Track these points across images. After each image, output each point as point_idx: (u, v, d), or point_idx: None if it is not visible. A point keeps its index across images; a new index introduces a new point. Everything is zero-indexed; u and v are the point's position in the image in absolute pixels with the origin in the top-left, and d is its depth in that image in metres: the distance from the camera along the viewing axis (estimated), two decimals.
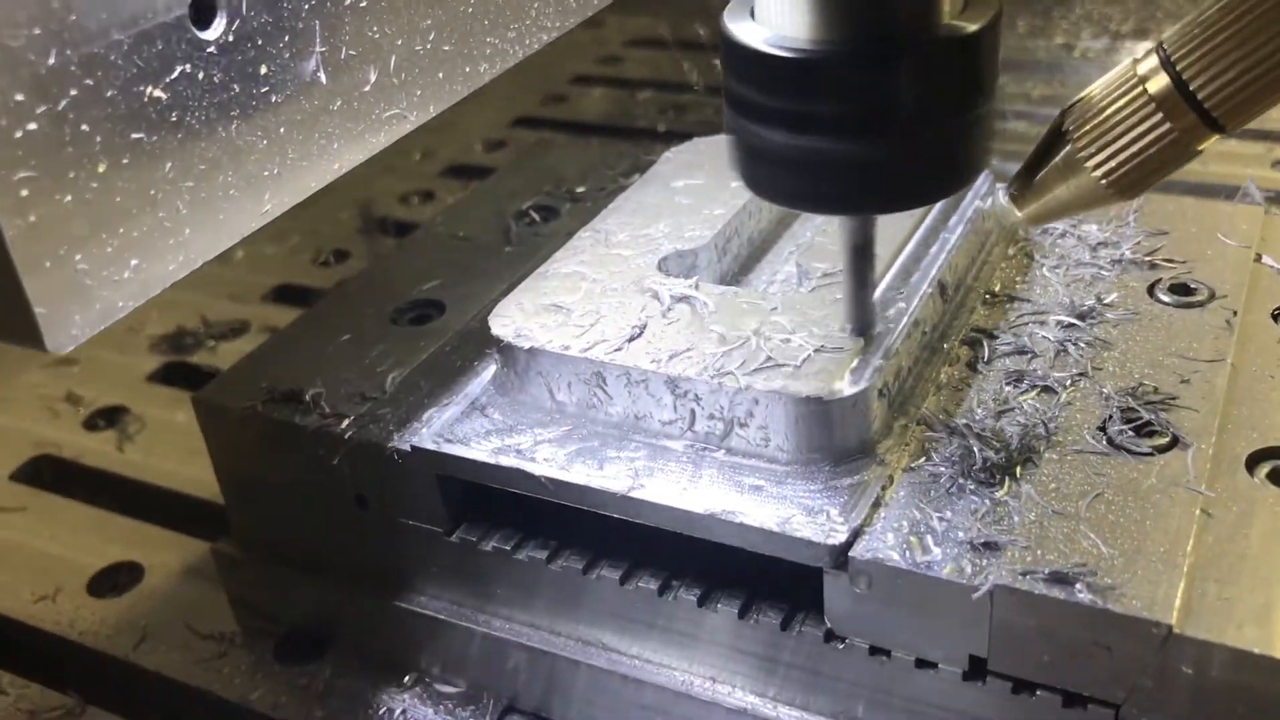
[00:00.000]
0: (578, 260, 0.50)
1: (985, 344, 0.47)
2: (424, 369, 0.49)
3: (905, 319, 0.44)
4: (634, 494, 0.41)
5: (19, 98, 0.27)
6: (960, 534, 0.38)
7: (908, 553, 0.38)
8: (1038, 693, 0.38)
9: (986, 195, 0.53)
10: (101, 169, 0.28)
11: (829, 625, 0.40)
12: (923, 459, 0.41)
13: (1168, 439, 0.41)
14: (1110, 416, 0.42)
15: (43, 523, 0.61)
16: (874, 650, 0.40)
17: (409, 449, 0.45)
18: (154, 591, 0.56)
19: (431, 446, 0.44)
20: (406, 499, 0.46)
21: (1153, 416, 0.42)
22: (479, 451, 0.44)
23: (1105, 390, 0.43)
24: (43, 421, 0.69)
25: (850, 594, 0.39)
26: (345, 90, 0.35)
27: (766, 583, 0.42)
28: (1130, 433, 0.41)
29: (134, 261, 0.30)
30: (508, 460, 0.43)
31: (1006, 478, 0.40)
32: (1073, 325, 0.47)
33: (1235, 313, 0.47)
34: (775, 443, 0.41)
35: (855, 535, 0.39)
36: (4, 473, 0.66)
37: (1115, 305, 0.48)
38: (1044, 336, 0.47)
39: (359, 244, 0.84)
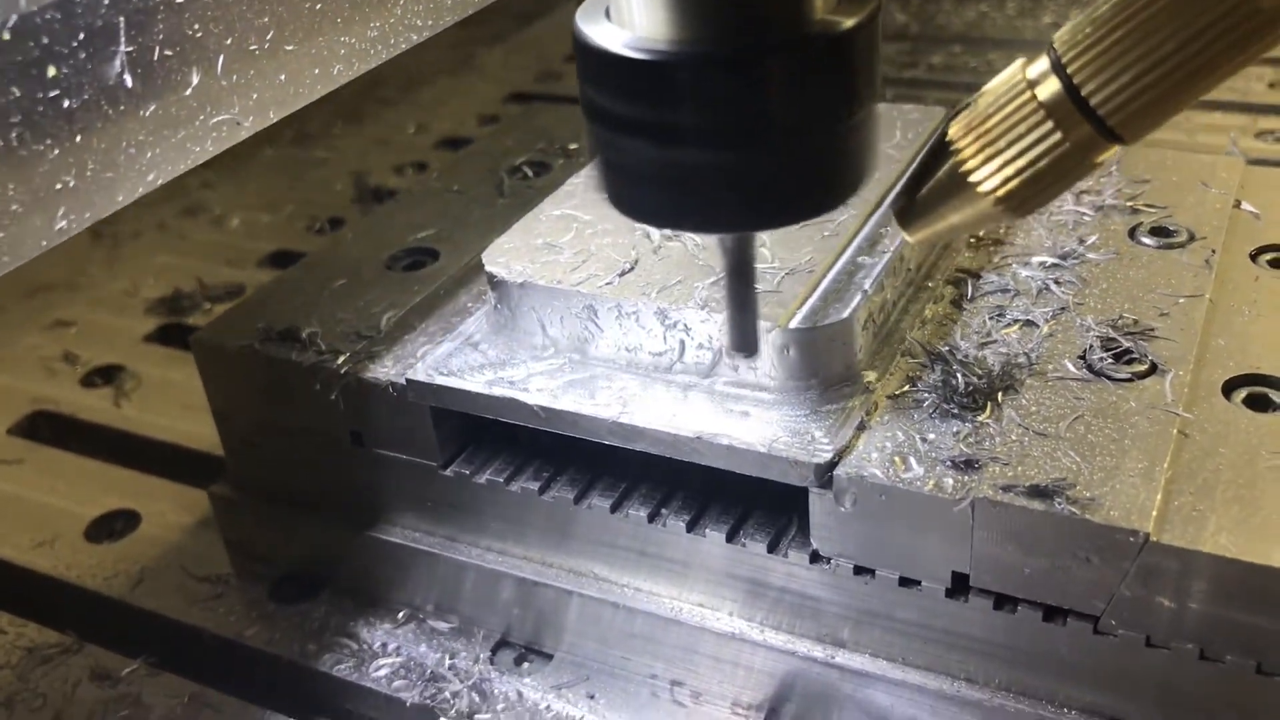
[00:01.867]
0: (570, 204, 0.50)
1: (969, 283, 0.48)
2: (419, 310, 0.50)
3: (889, 255, 0.45)
4: (623, 419, 0.42)
5: None
6: (942, 453, 0.39)
7: (891, 470, 0.39)
8: (1019, 608, 0.39)
9: None
10: None
11: (815, 546, 0.41)
12: (907, 386, 0.42)
13: (1146, 366, 0.42)
14: (1090, 346, 0.43)
15: (40, 474, 0.62)
16: (859, 570, 0.41)
17: (404, 382, 0.45)
18: (150, 537, 0.57)
19: (426, 379, 0.45)
20: (401, 433, 0.47)
21: (1132, 345, 0.43)
22: (472, 383, 0.44)
23: (1086, 323, 0.44)
24: (40, 380, 0.70)
25: (835, 513, 0.40)
26: (160, 94, 0.32)
27: (756, 508, 0.43)
28: (1110, 360, 0.42)
29: None
30: (500, 391, 0.44)
31: (989, 402, 0.41)
32: (1056, 265, 0.48)
33: (1214, 251, 0.48)
34: (763, 370, 0.42)
35: (840, 455, 0.39)
36: (1, 428, 0.66)
37: (1097, 247, 0.49)
38: (1027, 276, 0.48)
39: (353, 213, 0.85)
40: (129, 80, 0.31)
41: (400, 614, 0.50)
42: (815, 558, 0.41)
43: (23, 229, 0.29)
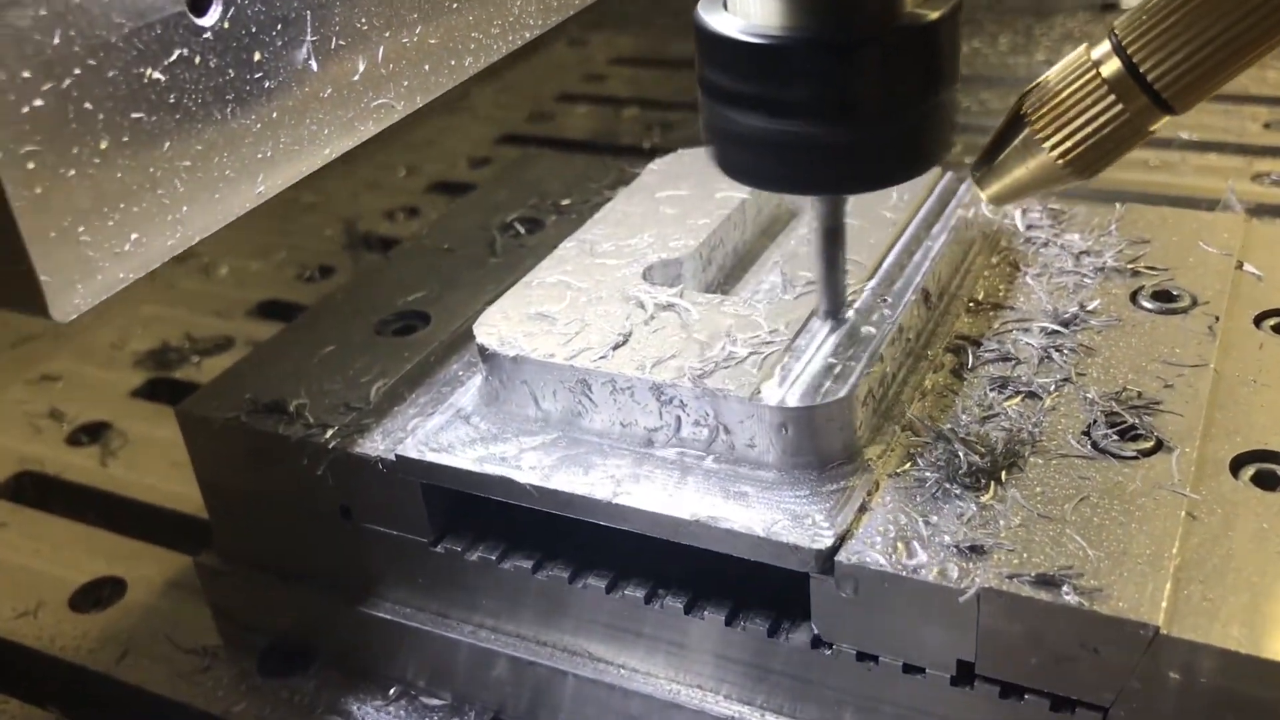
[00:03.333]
0: (563, 270, 0.50)
1: (969, 351, 0.47)
2: (408, 379, 0.49)
3: (889, 325, 0.44)
4: (618, 500, 0.41)
5: (25, 75, 0.28)
6: (946, 538, 0.38)
7: (894, 556, 0.38)
8: (1025, 697, 0.38)
9: (970, 204, 0.53)
10: (103, 146, 0.29)
11: (816, 631, 0.40)
12: (908, 464, 0.41)
13: (1152, 443, 0.41)
14: (1094, 421, 0.42)
15: (24, 538, 0.61)
16: (861, 656, 0.40)
17: (394, 458, 0.44)
18: (136, 606, 0.56)
19: (416, 455, 0.44)
20: (391, 509, 0.46)
21: (1137, 420, 0.42)
22: (463, 459, 0.43)
23: (1089, 395, 0.43)
24: (25, 438, 0.69)
25: (837, 599, 0.39)
26: (335, 79, 0.36)
27: (753, 589, 0.42)
28: (1115, 437, 0.41)
29: (134, 235, 0.31)
30: (492, 468, 0.43)
31: (992, 482, 0.40)
32: (1056, 332, 0.47)
33: (1217, 318, 0.47)
34: (761, 448, 0.41)
35: (841, 540, 0.38)
36: None
37: (1098, 312, 0.48)
38: (1028, 343, 0.47)
39: (344, 260, 0.84)
40: (314, 64, 0.36)
41: (391, 690, 0.49)
42: (816, 643, 0.40)
43: (232, 192, 0.34)
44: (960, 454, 0.40)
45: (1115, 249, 0.52)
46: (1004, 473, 0.40)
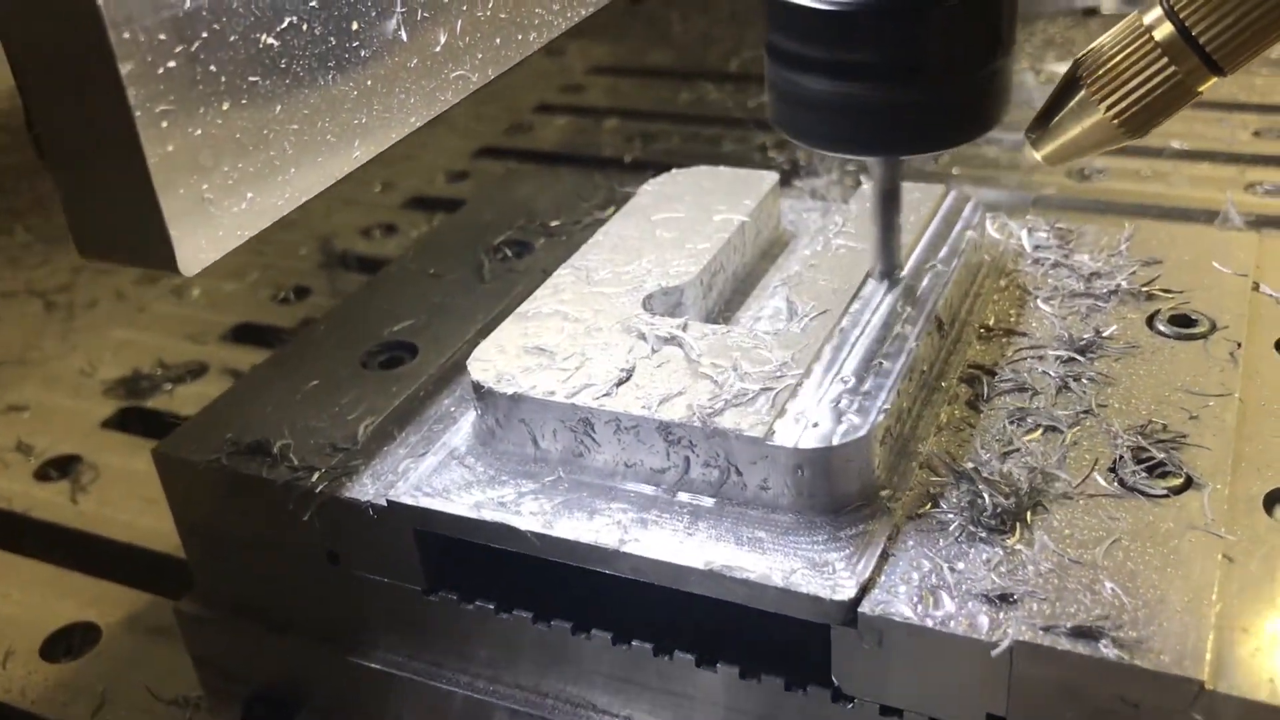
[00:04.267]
0: (559, 299, 0.47)
1: (985, 381, 0.45)
2: (398, 416, 0.47)
3: (903, 359, 0.42)
4: (626, 549, 0.39)
5: (162, 37, 0.29)
6: (974, 586, 0.36)
7: (920, 607, 0.36)
8: None
9: (977, 225, 0.51)
10: (225, 107, 0.31)
11: (837, 684, 0.38)
12: (929, 505, 0.40)
13: (1181, 479, 0.39)
14: (1120, 457, 0.40)
15: None
16: (885, 710, 0.38)
17: (385, 503, 0.42)
18: (112, 653, 0.53)
19: (409, 501, 0.42)
20: (382, 555, 0.44)
21: (1164, 456, 0.40)
22: (459, 505, 0.41)
23: (1112, 429, 0.42)
24: None
25: (859, 651, 0.37)
26: (420, 49, 0.38)
27: (768, 636, 0.40)
28: (1143, 474, 0.40)
29: (249, 194, 0.32)
30: (490, 514, 0.41)
31: (1017, 524, 0.38)
32: (1073, 360, 0.46)
33: (1239, 344, 0.45)
34: (775, 491, 0.39)
35: (864, 589, 0.36)
36: None
37: (1115, 338, 0.47)
38: (1044, 372, 0.45)
39: (320, 280, 0.82)
40: (404, 35, 0.37)
41: None
42: (837, 696, 0.38)
43: (333, 155, 0.35)
44: (985, 495, 0.39)
45: (1127, 270, 0.50)
46: (1029, 513, 0.39)
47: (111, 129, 0.29)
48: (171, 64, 0.29)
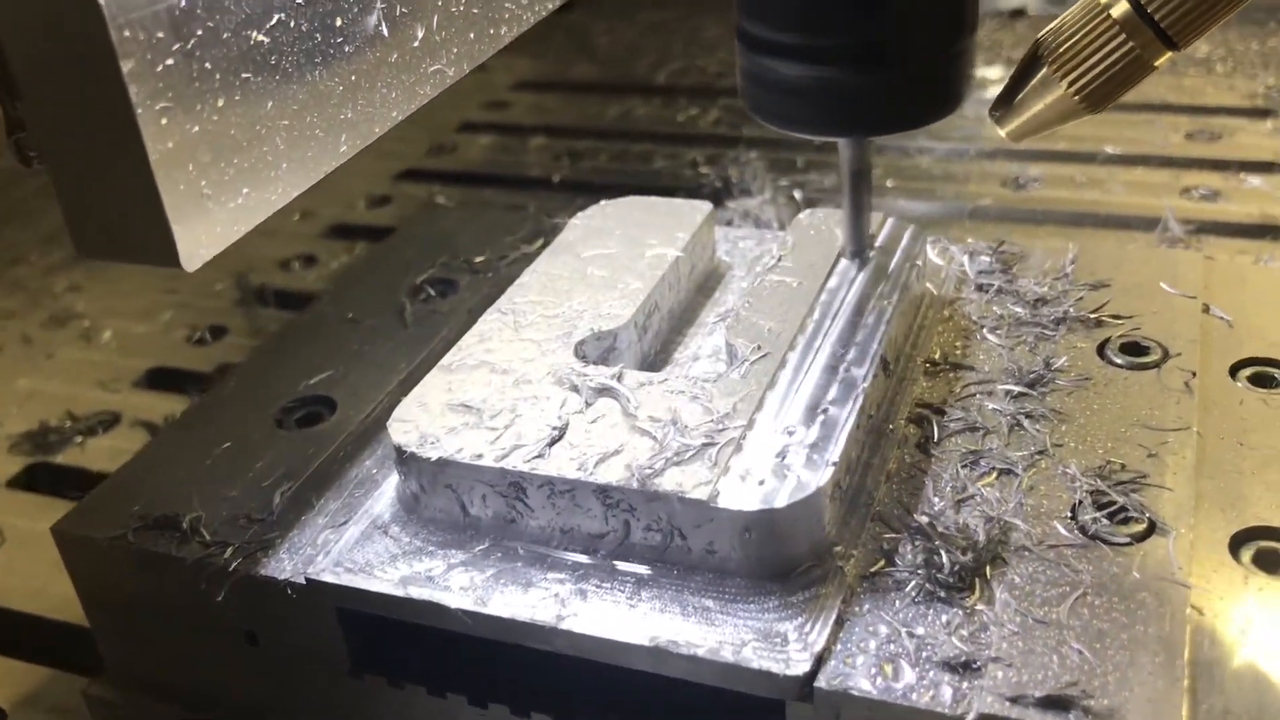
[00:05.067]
0: (485, 348, 0.45)
1: (934, 421, 0.43)
2: (315, 481, 0.44)
3: (850, 405, 0.40)
4: (565, 625, 0.36)
5: (160, 35, 0.30)
6: (935, 652, 0.34)
7: (879, 679, 0.34)
8: None
9: (918, 254, 0.50)
10: (220, 103, 0.31)
11: None
12: (882, 562, 0.37)
13: (1144, 525, 0.38)
14: (1080, 501, 0.39)
15: None
16: None
17: (304, 581, 0.39)
18: None
19: (330, 579, 0.39)
20: (304, 636, 0.41)
21: (1125, 499, 0.38)
22: (384, 582, 0.38)
23: (1069, 470, 0.40)
24: None
25: None
26: (400, 44, 0.39)
27: (720, 708, 0.37)
28: (1104, 520, 0.38)
29: (244, 189, 0.33)
30: (418, 591, 0.38)
31: (976, 579, 0.36)
32: (1024, 395, 0.44)
33: (1194, 374, 0.44)
34: (722, 554, 0.37)
35: (819, 660, 0.34)
36: None
37: (1065, 370, 0.45)
38: (994, 409, 0.43)
39: (237, 318, 0.78)
40: (385, 30, 0.38)
41: None
42: None
43: (321, 150, 0.36)
44: (941, 553, 0.37)
45: (1074, 296, 0.49)
46: (988, 568, 0.37)
47: (113, 127, 0.29)
48: (170, 61, 0.30)
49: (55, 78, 0.29)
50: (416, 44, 0.39)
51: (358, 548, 0.40)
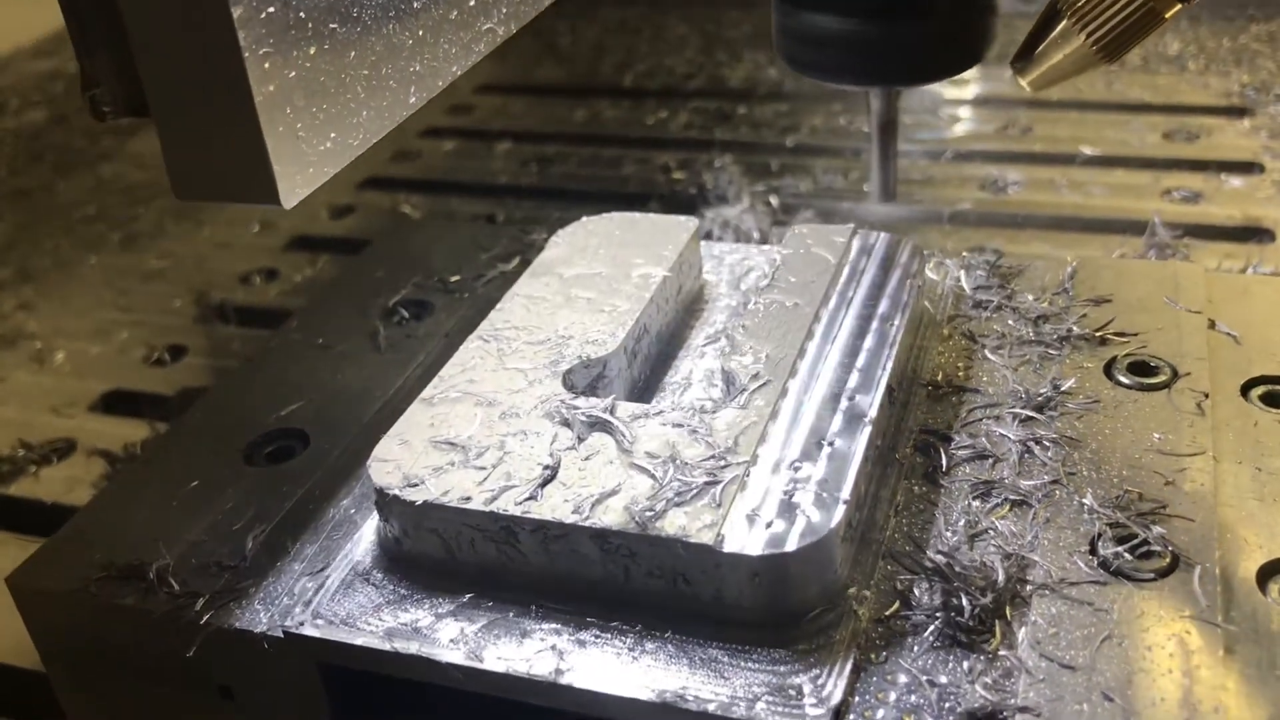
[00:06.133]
0: (468, 379, 0.42)
1: (940, 449, 0.41)
2: (290, 523, 0.42)
3: (859, 437, 0.38)
4: (565, 680, 0.34)
5: None
6: (959, 702, 0.32)
7: None
8: None
9: (916, 272, 0.48)
10: (312, 51, 0.33)
11: None
12: (897, 604, 0.36)
13: (1167, 559, 0.36)
14: (1099, 535, 0.37)
15: None
16: None
17: (281, 634, 0.37)
18: None
19: (310, 632, 0.36)
20: (282, 692, 0.38)
21: (1145, 532, 0.37)
22: (368, 635, 0.36)
23: (1085, 501, 0.38)
24: None
25: None
26: (460, 2, 0.40)
27: None
28: (1126, 555, 0.36)
29: (332, 134, 0.34)
30: (405, 645, 0.36)
31: (997, 622, 0.35)
32: (1032, 419, 0.42)
33: (1206, 395, 0.42)
34: (729, 601, 0.35)
35: (837, 716, 0.32)
36: None
37: (1074, 392, 0.43)
38: (1003, 435, 0.42)
39: (197, 335, 0.75)
40: None
41: None
42: None
43: (394, 101, 0.37)
44: (961, 596, 0.35)
45: (1076, 313, 0.47)
46: (1008, 608, 0.35)
47: (221, 70, 0.30)
48: (271, 9, 0.31)
49: (165, 23, 0.30)
50: (473, 3, 0.41)
51: (339, 597, 0.37)
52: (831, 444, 0.38)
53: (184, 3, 0.30)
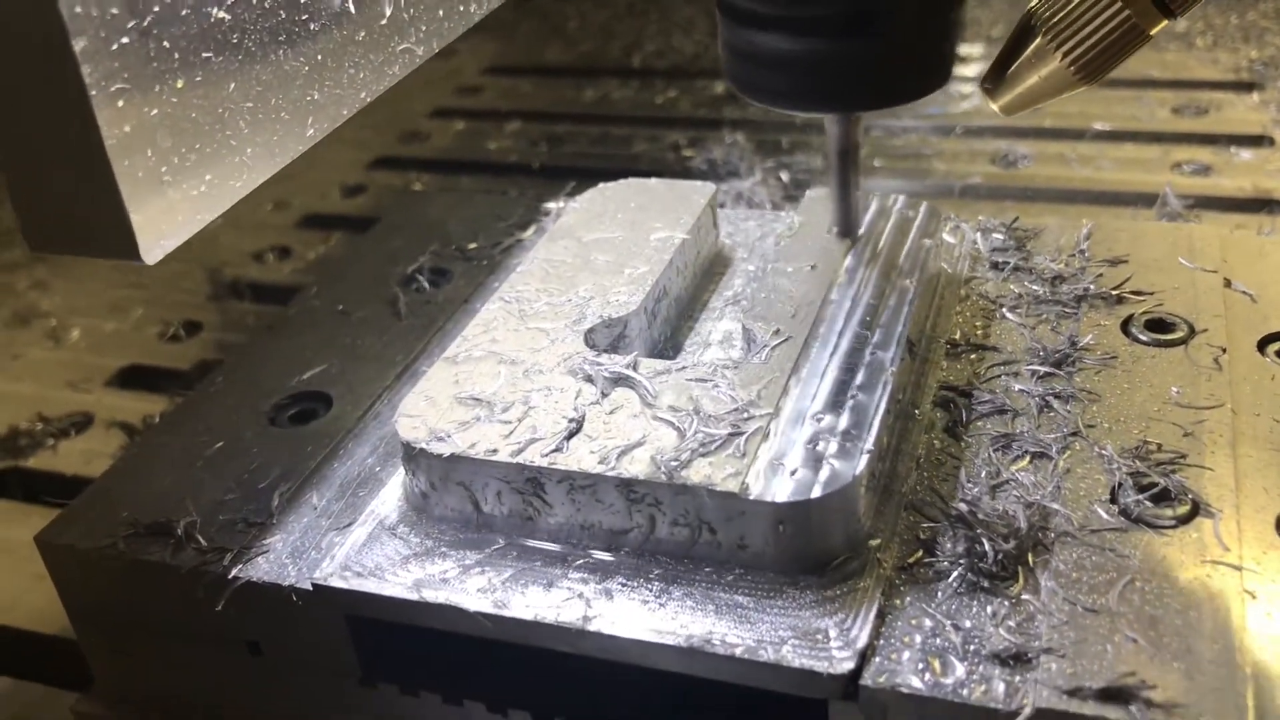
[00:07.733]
0: (491, 338, 0.43)
1: (961, 405, 0.41)
2: (315, 480, 0.42)
3: (881, 390, 0.39)
4: (592, 626, 0.34)
5: (114, 11, 0.28)
6: (984, 645, 0.33)
7: (927, 675, 0.32)
8: None
9: (933, 232, 0.48)
10: (179, 85, 0.30)
11: None
12: (920, 553, 0.36)
13: (1188, 506, 0.36)
14: (1119, 484, 0.37)
15: None
16: None
17: (310, 587, 0.37)
18: None
19: (338, 584, 0.37)
20: (310, 645, 0.39)
21: (1166, 480, 0.37)
22: (396, 585, 0.36)
23: (1105, 452, 0.39)
24: None
25: None
26: (367, 22, 0.37)
27: (756, 707, 0.36)
28: (1147, 502, 0.37)
29: (207, 176, 0.31)
30: (433, 594, 0.36)
31: (1019, 568, 0.35)
32: (1050, 375, 0.42)
33: (1224, 350, 0.43)
34: (754, 549, 0.35)
35: (863, 658, 0.33)
36: None
37: (1091, 349, 0.43)
38: (1022, 390, 0.42)
39: (211, 312, 0.75)
40: (351, 6, 0.36)
41: None
42: None
43: (288, 134, 0.34)
44: (984, 541, 0.35)
45: (1093, 273, 0.48)
46: (1030, 555, 0.35)
47: (65, 111, 0.28)
48: (125, 40, 0.28)
49: (2, 59, 0.27)
50: (384, 21, 0.38)
51: (365, 550, 0.38)
52: (854, 396, 0.38)
53: (20, 35, 0.27)
